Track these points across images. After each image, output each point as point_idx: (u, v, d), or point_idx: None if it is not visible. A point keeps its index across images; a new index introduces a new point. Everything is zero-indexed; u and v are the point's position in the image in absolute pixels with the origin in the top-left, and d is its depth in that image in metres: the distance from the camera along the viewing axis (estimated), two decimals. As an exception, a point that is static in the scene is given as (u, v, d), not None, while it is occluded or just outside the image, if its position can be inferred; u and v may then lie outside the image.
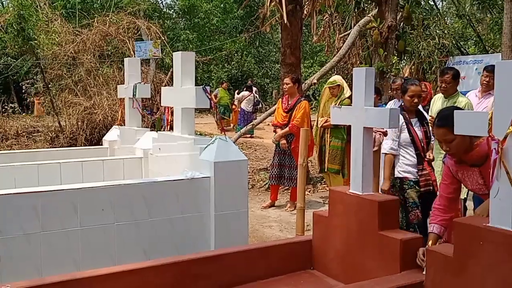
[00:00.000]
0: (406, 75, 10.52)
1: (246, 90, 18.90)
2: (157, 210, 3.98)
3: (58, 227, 3.63)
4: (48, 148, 11.19)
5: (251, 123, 12.06)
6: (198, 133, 11.84)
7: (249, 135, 15.67)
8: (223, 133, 4.63)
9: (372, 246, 3.31)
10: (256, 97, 19.29)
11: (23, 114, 16.99)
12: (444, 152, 3.47)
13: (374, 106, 3.61)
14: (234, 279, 3.47)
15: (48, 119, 14.34)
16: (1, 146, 12.47)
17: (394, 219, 3.38)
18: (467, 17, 15.73)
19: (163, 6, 28.37)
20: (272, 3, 9.56)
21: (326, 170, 7.60)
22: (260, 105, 20.63)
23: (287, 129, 7.43)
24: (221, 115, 18.12)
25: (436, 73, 12.00)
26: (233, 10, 31.03)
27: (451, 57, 11.61)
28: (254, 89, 19.76)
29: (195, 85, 4.65)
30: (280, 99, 7.95)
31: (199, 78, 25.20)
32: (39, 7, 13.30)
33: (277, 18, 10.44)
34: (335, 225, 3.63)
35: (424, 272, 2.99)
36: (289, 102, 7.60)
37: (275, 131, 7.74)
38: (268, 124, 14.96)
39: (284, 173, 7.59)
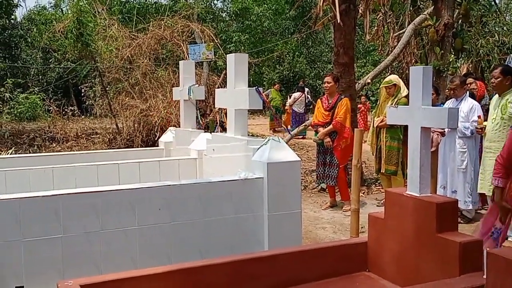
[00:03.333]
0: (463, 74, 10.22)
1: (297, 91, 18.84)
2: (211, 210, 4.02)
3: (116, 226, 3.72)
4: (106, 149, 11.51)
5: (303, 124, 12.02)
6: (250, 134, 11.91)
7: (301, 136, 15.63)
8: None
9: (430, 249, 3.24)
10: (308, 97, 19.21)
11: (82, 116, 17.52)
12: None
13: (432, 106, 3.53)
14: (288, 280, 3.46)
15: (106, 121, 14.75)
16: (61, 147, 12.93)
17: (453, 221, 3.29)
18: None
19: (216, 10, 28.68)
20: (325, 3, 9.49)
21: (383, 171, 7.49)
22: (312, 106, 20.52)
23: (330, 126, 7.42)
24: (275, 112, 18.08)
25: (494, 72, 11.63)
26: (285, 11, 31.01)
27: (511, 55, 11.20)
28: (306, 89, 19.68)
29: (248, 87, 4.68)
30: (319, 99, 7.96)
31: (251, 80, 25.33)
32: (97, 13, 13.70)
33: (329, 18, 10.36)
34: (391, 227, 3.56)
35: (484, 276, 2.91)
36: (329, 101, 7.59)
37: (316, 131, 7.75)
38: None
39: (325, 171, 7.58)
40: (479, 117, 6.41)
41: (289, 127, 18.15)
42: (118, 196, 3.75)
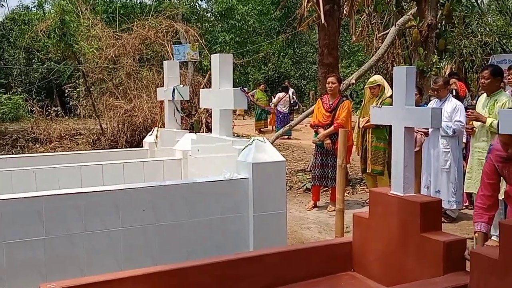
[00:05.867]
0: (446, 74, 10.29)
1: (282, 91, 18.88)
2: (196, 211, 4.01)
3: (100, 227, 3.69)
4: (90, 150, 11.42)
5: (288, 124, 12.03)
6: (236, 134, 11.90)
7: (287, 137, 15.63)
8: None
9: (414, 248, 3.25)
10: (293, 98, 19.25)
11: (66, 117, 17.36)
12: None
13: (416, 106, 3.55)
14: (274, 280, 3.46)
15: (90, 122, 14.64)
16: (45, 148, 12.79)
17: (436, 221, 3.31)
18: (510, 14, 15.30)
19: (200, 10, 28.59)
20: (310, 4, 9.52)
21: (369, 172, 7.51)
22: (297, 106, 20.57)
23: (331, 128, 7.34)
24: (260, 106, 18.04)
25: (479, 72, 11.74)
26: (270, 11, 31.04)
27: (494, 55, 11.31)
28: (291, 90, 19.72)
29: (233, 87, 4.67)
30: (320, 99, 7.87)
31: (236, 80, 25.31)
32: (80, 13, 13.58)
33: (314, 19, 10.39)
34: (375, 227, 3.58)
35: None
36: (331, 102, 7.52)
37: (316, 132, 7.66)
38: (306, 125, 14.89)
39: (327, 173, 7.50)
40: (469, 115, 6.31)
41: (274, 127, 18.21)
42: (101, 197, 3.72)
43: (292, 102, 18.68)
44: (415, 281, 3.08)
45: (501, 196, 5.61)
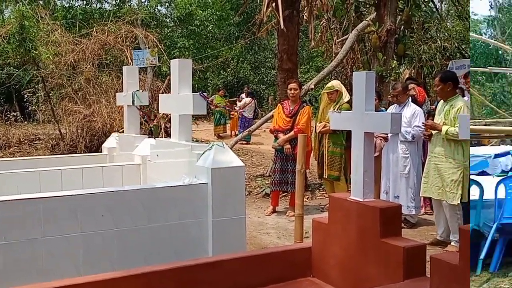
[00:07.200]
0: (405, 78, 10.41)
1: (247, 97, 18.90)
2: (155, 216, 3.97)
3: (59, 232, 3.62)
4: (49, 155, 11.21)
5: (247, 129, 12.05)
6: (195, 139, 11.84)
7: (246, 142, 15.63)
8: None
9: (374, 254, 3.26)
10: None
11: (25, 122, 17.07)
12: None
13: (375, 111, 3.58)
14: (233, 286, 3.44)
15: (49, 127, 14.40)
16: (3, 153, 12.54)
17: (396, 226, 3.33)
18: (468, 19, 15.54)
19: (160, 15, 28.34)
20: (269, 9, 9.55)
21: (326, 177, 7.54)
22: (257, 111, 20.66)
23: (291, 133, 7.38)
24: (219, 116, 18.10)
25: (438, 77, 11.91)
26: (229, 17, 31.02)
27: (453, 60, 11.49)
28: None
29: (192, 92, 4.65)
30: (280, 104, 7.90)
31: (195, 85, 25.15)
32: (40, 18, 13.37)
33: (273, 24, 10.44)
34: (335, 232, 3.59)
35: None
36: (291, 107, 7.57)
37: (276, 137, 7.68)
38: (265, 131, 14.93)
39: (287, 178, 7.51)
40: (425, 125, 6.35)
41: (236, 132, 18.21)
42: (60, 202, 3.65)
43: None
44: (375, 287, 3.10)
45: (457, 201, 5.76)
